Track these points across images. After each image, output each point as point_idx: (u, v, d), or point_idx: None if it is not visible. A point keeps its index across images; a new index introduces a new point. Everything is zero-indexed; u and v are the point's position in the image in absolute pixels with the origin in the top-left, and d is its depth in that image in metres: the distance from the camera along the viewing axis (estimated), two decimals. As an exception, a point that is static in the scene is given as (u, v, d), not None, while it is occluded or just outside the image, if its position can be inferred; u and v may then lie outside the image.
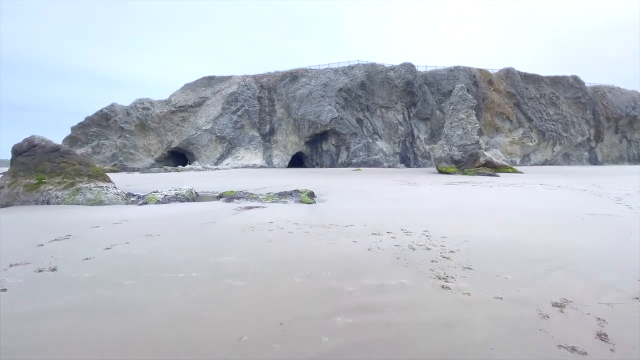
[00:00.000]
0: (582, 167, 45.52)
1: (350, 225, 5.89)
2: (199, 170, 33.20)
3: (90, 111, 45.57)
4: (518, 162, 47.36)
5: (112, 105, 45.21)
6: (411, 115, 44.93)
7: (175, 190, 10.99)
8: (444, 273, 3.44)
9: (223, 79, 46.43)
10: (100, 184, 10.23)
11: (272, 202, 9.24)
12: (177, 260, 3.86)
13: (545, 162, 50.15)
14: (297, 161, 45.18)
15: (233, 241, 4.80)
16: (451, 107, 31.74)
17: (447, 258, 3.99)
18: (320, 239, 4.88)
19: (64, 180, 9.96)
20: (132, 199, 11.34)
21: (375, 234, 5.20)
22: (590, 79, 53.21)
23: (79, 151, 44.74)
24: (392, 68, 44.36)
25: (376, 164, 40.17)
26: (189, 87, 46.56)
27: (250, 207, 8.04)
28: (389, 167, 40.26)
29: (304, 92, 41.66)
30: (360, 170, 33.78)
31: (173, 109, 44.31)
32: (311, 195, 11.15)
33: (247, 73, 47.30)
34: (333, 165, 42.11)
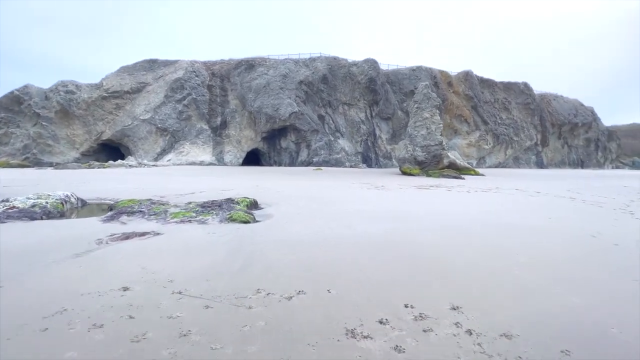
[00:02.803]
0: (532, 170, 47.40)
1: (300, 293, 2.83)
2: (131, 166, 27.99)
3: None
4: (474, 164, 48.03)
5: (25, 86, 37.41)
6: (373, 114, 43.24)
7: (36, 198, 7.09)
8: None
9: (168, 63, 40.79)
10: None
11: (182, 220, 5.87)
12: None
13: (499, 165, 51.70)
14: (253, 159, 41.17)
15: None
16: (415, 106, 30.20)
17: None
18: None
19: None
20: (-32, 211, 7.22)
21: (351, 334, 2.19)
22: (535, 87, 55.97)
23: (-20, 141, 36.33)
24: (355, 63, 42.26)
25: (338, 163, 37.74)
26: (126, 70, 40.20)
27: (128, 237, 4.63)
28: (351, 167, 38.07)
29: (261, 83, 37.83)
30: (321, 169, 31.01)
31: (105, 94, 37.80)
32: (252, 206, 7.93)
33: (197, 59, 42.13)
34: (293, 163, 38.87)
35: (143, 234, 4.81)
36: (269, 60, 40.66)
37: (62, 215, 6.93)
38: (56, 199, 7.23)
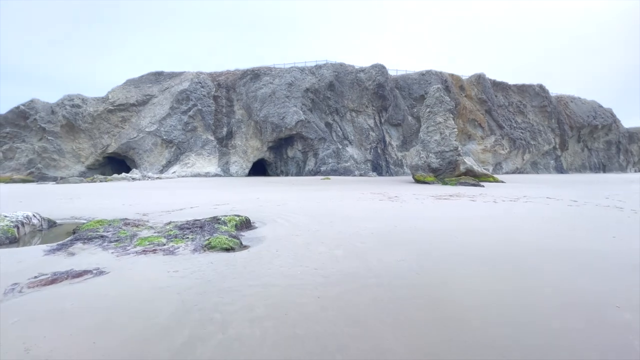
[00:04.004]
0: (552, 175, 44.97)
1: None
2: (134, 179, 27.24)
3: (6, 110, 37.54)
4: (490, 171, 45.91)
5: (31, 101, 37.61)
6: (382, 120, 41.90)
7: (-14, 221, 5.96)
8: None
9: (173, 75, 40.56)
10: None
11: (146, 249, 4.59)
12: None
13: (516, 171, 49.38)
14: (259, 169, 40.22)
15: None
16: (427, 110, 28.74)
17: None
18: None
19: None
20: None
21: None
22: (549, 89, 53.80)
23: (-12, 156, 36.46)
24: (362, 69, 41.22)
25: (347, 172, 36.36)
26: (132, 83, 40.13)
27: (55, 280, 3.36)
28: (361, 175, 36.63)
29: (266, 92, 37.09)
30: (329, 179, 29.67)
31: (111, 107, 37.66)
32: (242, 225, 6.62)
33: (203, 70, 41.85)
34: (300, 173, 37.70)
35: (80, 275, 3.53)
36: (275, 69, 40.02)
37: (13, 241, 5.76)
38: (9, 222, 6.09)
